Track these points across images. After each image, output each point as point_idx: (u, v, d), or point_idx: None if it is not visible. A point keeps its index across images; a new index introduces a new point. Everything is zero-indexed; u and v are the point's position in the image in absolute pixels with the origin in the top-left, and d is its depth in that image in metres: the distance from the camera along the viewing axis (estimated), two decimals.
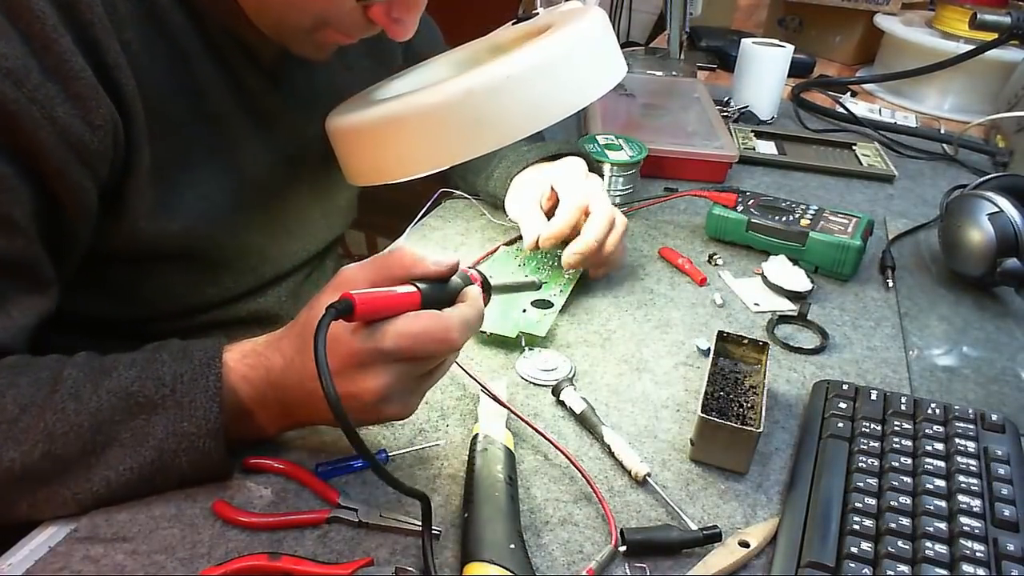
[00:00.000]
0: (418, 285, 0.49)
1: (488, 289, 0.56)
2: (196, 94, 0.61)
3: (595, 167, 0.84)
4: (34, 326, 0.55)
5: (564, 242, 0.74)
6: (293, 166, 0.73)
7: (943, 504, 0.51)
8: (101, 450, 0.48)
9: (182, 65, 0.60)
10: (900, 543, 0.48)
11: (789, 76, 1.27)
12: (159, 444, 0.49)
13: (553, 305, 0.72)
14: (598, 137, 0.93)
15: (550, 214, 0.76)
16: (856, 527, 0.50)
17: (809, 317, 0.74)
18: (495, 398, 0.59)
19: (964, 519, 0.50)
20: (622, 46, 0.69)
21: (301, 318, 0.51)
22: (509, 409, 0.58)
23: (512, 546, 0.46)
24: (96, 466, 0.48)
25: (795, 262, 0.81)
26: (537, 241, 0.74)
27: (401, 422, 0.59)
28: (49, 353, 0.53)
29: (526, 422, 0.58)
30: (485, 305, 0.53)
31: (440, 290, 0.50)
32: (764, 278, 0.80)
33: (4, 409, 0.48)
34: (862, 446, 0.56)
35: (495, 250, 0.81)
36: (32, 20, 0.48)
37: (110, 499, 0.49)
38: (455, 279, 0.52)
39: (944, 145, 1.20)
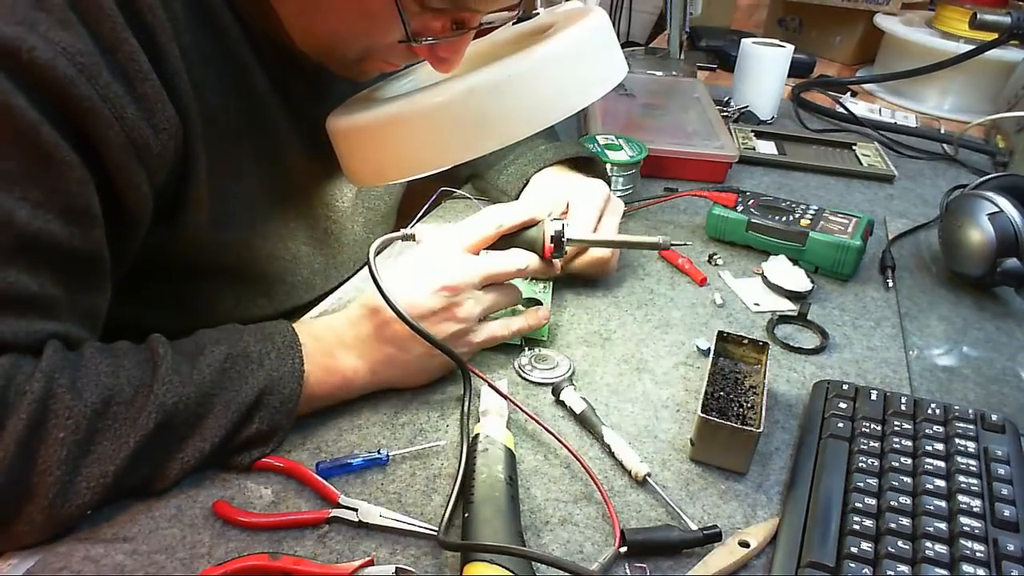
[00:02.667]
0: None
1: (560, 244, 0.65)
2: (249, 102, 0.61)
3: (608, 178, 0.84)
4: (102, 320, 0.56)
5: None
6: (338, 176, 0.73)
7: (943, 504, 0.51)
8: (199, 421, 0.51)
9: (237, 73, 0.60)
10: (900, 543, 0.49)
11: (789, 76, 1.27)
12: (247, 409, 0.52)
13: (543, 303, 0.72)
14: (598, 137, 0.93)
15: None
16: (856, 527, 0.50)
17: (809, 317, 0.74)
18: (496, 389, 0.59)
19: (964, 519, 0.50)
20: (622, 46, 0.69)
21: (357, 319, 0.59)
22: (510, 400, 0.58)
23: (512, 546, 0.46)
24: (192, 437, 0.50)
25: (795, 262, 0.81)
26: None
27: (400, 421, 0.59)
28: None
29: (528, 414, 0.58)
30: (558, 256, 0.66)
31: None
32: (764, 278, 0.80)
33: (122, 390, 0.49)
34: (862, 446, 0.56)
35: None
36: (103, 19, 0.48)
37: (192, 470, 0.51)
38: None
39: (944, 145, 1.20)
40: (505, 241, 0.64)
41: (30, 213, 0.47)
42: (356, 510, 0.50)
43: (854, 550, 0.48)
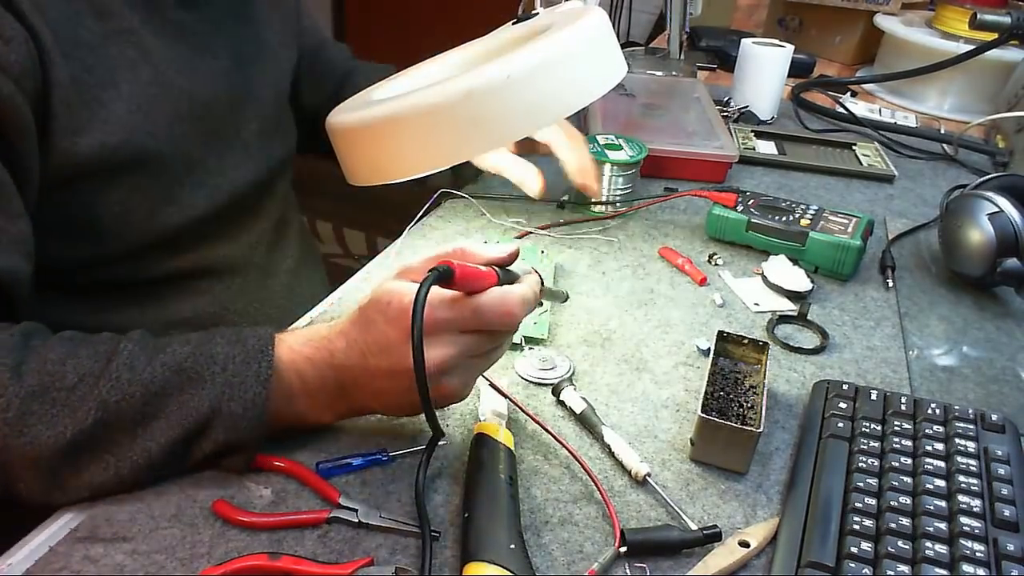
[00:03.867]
0: (496, 269, 0.52)
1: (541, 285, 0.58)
2: (101, 13, 0.62)
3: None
4: (28, 252, 0.56)
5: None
6: (221, 77, 0.74)
7: (943, 504, 0.51)
8: (148, 421, 0.49)
9: None
10: (900, 543, 0.49)
11: (789, 76, 1.27)
12: (200, 417, 0.50)
13: (542, 303, 0.72)
14: (598, 137, 0.93)
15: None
16: (856, 527, 0.50)
17: (809, 317, 0.74)
18: (497, 389, 0.59)
19: (964, 519, 0.50)
20: (622, 46, 0.69)
21: (364, 303, 0.53)
22: (510, 400, 0.58)
23: (512, 546, 0.46)
24: (140, 437, 0.49)
25: (795, 262, 0.81)
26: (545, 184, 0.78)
27: (401, 421, 0.59)
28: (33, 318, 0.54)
29: (528, 414, 0.58)
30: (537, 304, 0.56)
31: (507, 275, 0.54)
32: (764, 278, 0.80)
33: (64, 376, 0.48)
34: (862, 446, 0.56)
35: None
36: None
37: (146, 470, 0.50)
38: (515, 270, 0.56)
39: (944, 145, 1.20)
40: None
41: None
42: (356, 510, 0.50)
43: (854, 550, 0.48)
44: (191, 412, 0.50)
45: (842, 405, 0.60)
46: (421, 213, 0.82)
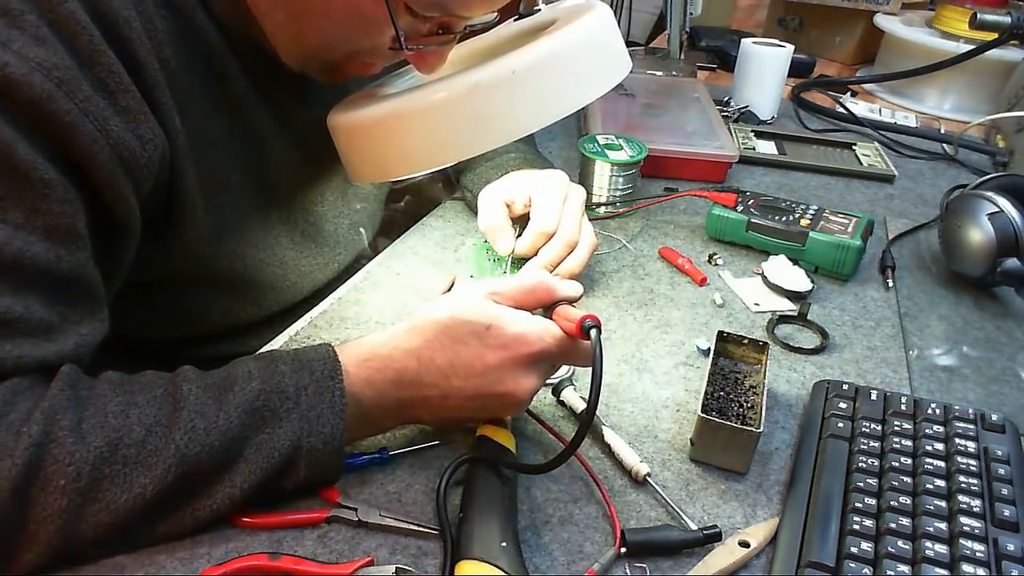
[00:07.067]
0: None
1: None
2: (232, 112, 0.61)
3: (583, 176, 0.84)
4: (94, 349, 0.51)
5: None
6: (321, 177, 0.74)
7: (943, 504, 0.51)
8: (228, 468, 0.47)
9: (219, 83, 0.59)
10: (900, 543, 0.49)
11: (789, 76, 1.27)
12: (282, 458, 0.48)
13: None
14: (598, 137, 0.93)
15: (520, 220, 0.76)
16: (856, 527, 0.50)
17: (809, 317, 0.74)
18: None
19: (964, 519, 0.50)
20: None
21: (443, 320, 0.52)
22: None
23: (503, 544, 0.46)
24: (220, 483, 0.47)
25: (795, 262, 0.81)
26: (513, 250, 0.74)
27: None
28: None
29: (529, 414, 0.58)
30: None
31: None
32: (764, 278, 0.80)
33: (131, 430, 0.45)
34: (862, 446, 0.56)
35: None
36: (78, 32, 0.47)
37: (227, 513, 0.48)
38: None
39: (944, 145, 1.20)
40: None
41: (9, 234, 0.44)
42: (356, 510, 0.50)
43: (854, 550, 0.48)
44: (272, 453, 0.48)
45: (842, 405, 0.60)
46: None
